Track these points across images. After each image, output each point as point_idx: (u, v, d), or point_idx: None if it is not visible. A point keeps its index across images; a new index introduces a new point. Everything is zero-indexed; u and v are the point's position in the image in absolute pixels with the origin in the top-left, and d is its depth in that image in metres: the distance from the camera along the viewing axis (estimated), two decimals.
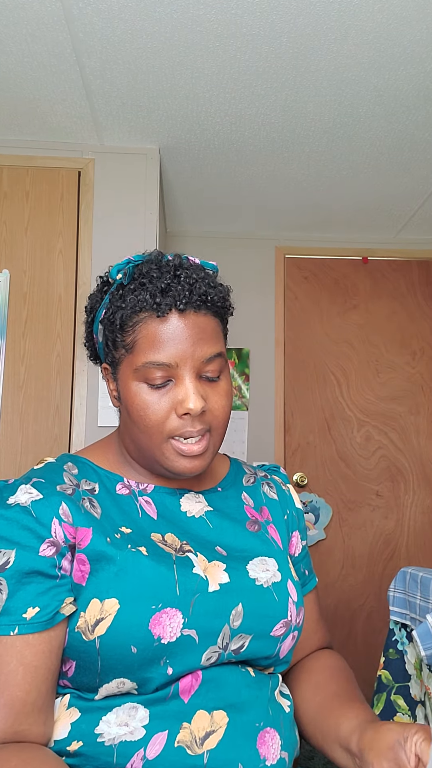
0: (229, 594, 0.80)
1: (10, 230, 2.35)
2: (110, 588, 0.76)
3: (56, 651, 0.76)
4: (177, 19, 1.76)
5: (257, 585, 0.83)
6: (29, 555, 0.76)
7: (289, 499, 1.01)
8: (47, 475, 0.85)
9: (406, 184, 2.70)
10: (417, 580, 1.78)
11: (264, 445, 3.09)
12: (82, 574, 0.77)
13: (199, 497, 0.91)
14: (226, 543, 0.87)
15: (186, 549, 0.82)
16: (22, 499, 0.80)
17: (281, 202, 2.90)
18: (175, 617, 0.75)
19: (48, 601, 0.75)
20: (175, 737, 0.73)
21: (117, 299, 0.85)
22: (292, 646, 0.86)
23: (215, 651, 0.77)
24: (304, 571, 0.98)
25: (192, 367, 0.81)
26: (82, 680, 0.76)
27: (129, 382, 0.83)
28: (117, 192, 2.41)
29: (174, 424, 0.82)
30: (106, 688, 0.75)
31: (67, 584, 0.77)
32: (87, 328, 0.94)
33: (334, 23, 1.76)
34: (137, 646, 0.73)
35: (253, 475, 1.01)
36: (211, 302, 0.84)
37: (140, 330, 0.82)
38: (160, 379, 0.81)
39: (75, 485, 0.85)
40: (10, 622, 0.73)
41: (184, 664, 0.75)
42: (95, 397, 2.28)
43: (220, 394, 0.85)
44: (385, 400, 3.19)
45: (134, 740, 0.73)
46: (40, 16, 1.76)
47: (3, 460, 2.22)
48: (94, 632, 0.74)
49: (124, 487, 0.88)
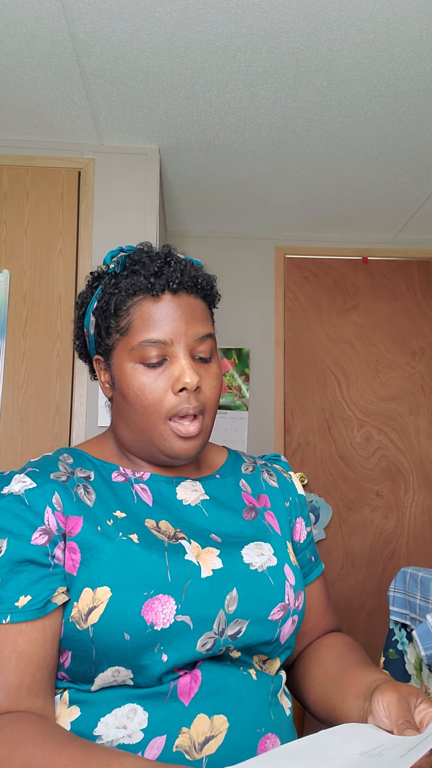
0: (222, 579, 0.80)
1: (10, 230, 2.35)
2: (102, 576, 0.76)
3: (51, 640, 0.76)
4: (177, 19, 1.76)
5: (252, 570, 0.83)
6: (21, 544, 0.77)
7: (291, 486, 1.01)
8: (42, 464, 0.86)
9: (406, 184, 2.70)
10: (417, 580, 1.78)
11: (264, 445, 3.09)
12: (73, 563, 0.78)
13: (196, 485, 0.91)
14: (221, 530, 0.87)
15: (179, 536, 0.83)
16: (16, 488, 0.81)
17: (281, 202, 2.90)
18: (167, 604, 0.76)
19: (40, 590, 0.76)
20: (174, 742, 0.72)
21: (110, 287, 0.88)
22: (293, 631, 0.85)
23: (210, 637, 0.77)
24: (310, 558, 0.98)
25: (186, 344, 0.85)
26: (78, 670, 0.77)
27: (124, 365, 0.86)
28: (117, 192, 2.41)
29: (171, 402, 0.84)
30: (101, 677, 0.75)
31: (60, 573, 0.78)
32: (77, 324, 0.96)
33: (334, 23, 1.76)
34: (130, 633, 0.74)
35: (252, 463, 1.02)
36: (201, 286, 0.89)
37: (135, 311, 0.85)
38: (155, 358, 0.84)
39: (70, 473, 0.86)
40: (3, 610, 0.74)
41: (179, 651, 0.75)
42: (95, 396, 2.28)
43: (211, 376, 0.88)
44: (385, 400, 3.20)
45: (132, 743, 0.72)
46: (40, 16, 1.76)
47: (3, 459, 2.22)
48: (87, 621, 0.75)
49: (119, 475, 0.89)
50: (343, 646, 0.92)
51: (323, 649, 0.93)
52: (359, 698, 0.76)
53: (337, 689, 0.82)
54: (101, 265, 0.94)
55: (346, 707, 0.78)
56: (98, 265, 0.95)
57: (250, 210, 2.99)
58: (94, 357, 0.93)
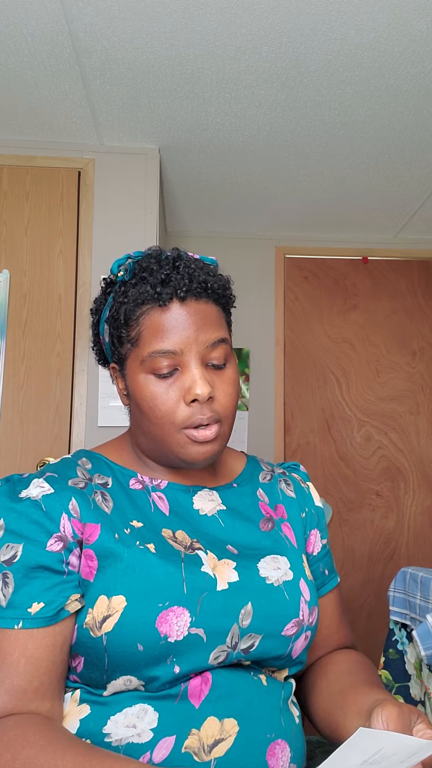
0: (238, 593, 0.79)
1: (10, 230, 2.35)
2: (117, 585, 0.76)
3: (61, 645, 0.76)
4: (177, 19, 1.76)
5: (267, 584, 0.82)
6: (36, 550, 0.77)
7: (308, 497, 0.99)
8: (61, 469, 0.86)
9: (406, 183, 2.70)
10: (417, 580, 1.78)
11: (264, 445, 3.09)
12: (89, 570, 0.78)
13: (213, 495, 0.90)
14: (237, 542, 0.86)
15: (196, 547, 0.82)
16: (34, 492, 0.81)
17: (281, 202, 2.90)
18: (182, 616, 0.75)
19: (53, 597, 0.75)
20: (183, 743, 0.72)
21: (120, 296, 0.86)
22: (305, 647, 0.85)
23: (223, 650, 0.77)
24: (323, 571, 0.96)
25: (197, 352, 0.82)
26: (90, 676, 0.77)
27: (136, 376, 0.84)
28: (117, 192, 2.41)
29: (184, 413, 0.82)
30: (113, 684, 0.75)
31: (74, 580, 0.77)
32: (93, 330, 0.95)
33: (334, 23, 1.76)
34: (143, 644, 0.73)
35: (270, 472, 1.00)
36: (212, 290, 0.85)
37: (144, 322, 0.83)
38: (166, 368, 0.82)
39: (88, 479, 0.85)
40: (15, 615, 0.74)
41: (192, 663, 0.75)
42: (95, 397, 2.28)
43: (226, 382, 0.85)
44: (385, 400, 3.19)
45: (141, 743, 0.72)
46: (40, 15, 1.76)
47: (3, 460, 2.22)
48: (102, 629, 0.74)
49: (137, 482, 0.88)
50: (352, 663, 0.90)
51: (332, 665, 0.91)
52: (361, 717, 0.75)
53: (341, 707, 0.80)
54: (111, 274, 0.92)
55: (347, 725, 0.77)
56: (109, 274, 0.93)
57: (250, 210, 2.99)
58: (110, 365, 0.92)
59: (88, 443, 2.24)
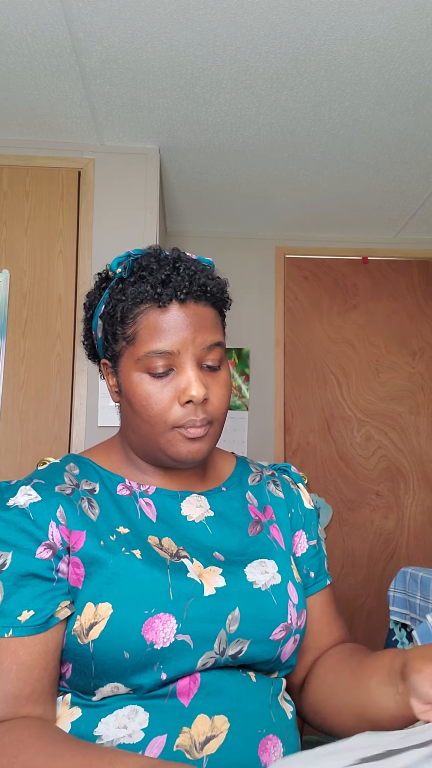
0: (225, 598, 0.79)
1: (10, 230, 2.35)
2: (104, 592, 0.76)
3: (53, 652, 0.76)
4: (177, 19, 1.76)
5: (255, 588, 0.82)
6: (25, 557, 0.77)
7: (297, 498, 0.98)
8: (48, 476, 0.85)
9: (406, 183, 2.70)
10: (417, 580, 1.78)
11: (264, 445, 3.09)
12: (77, 577, 0.78)
13: (201, 500, 0.90)
14: (224, 548, 0.86)
15: (182, 555, 0.82)
16: (21, 501, 0.81)
17: (281, 202, 2.90)
18: (168, 622, 0.75)
19: (43, 604, 0.75)
20: (174, 741, 0.72)
21: (117, 293, 0.86)
22: (294, 650, 0.84)
23: (211, 657, 0.76)
24: (308, 573, 0.95)
25: (193, 354, 0.83)
26: (79, 683, 0.76)
27: (131, 374, 0.84)
28: (117, 192, 2.41)
29: (177, 414, 0.82)
30: (101, 691, 0.75)
31: (64, 588, 0.77)
32: (85, 325, 0.95)
33: (334, 23, 1.76)
34: (130, 651, 0.73)
35: (259, 473, 0.99)
36: (211, 293, 0.85)
37: (141, 321, 0.83)
38: (162, 368, 0.82)
39: (75, 485, 0.85)
40: (5, 624, 0.74)
41: (178, 670, 0.75)
42: (95, 397, 2.28)
43: (220, 385, 0.86)
44: (385, 400, 3.19)
45: (132, 743, 0.72)
46: (40, 15, 1.76)
47: (3, 460, 2.22)
48: (89, 636, 0.74)
49: (125, 488, 0.88)
50: (351, 648, 0.88)
51: (332, 656, 0.89)
52: (387, 685, 0.71)
53: (357, 686, 0.77)
54: (108, 269, 0.91)
55: (376, 701, 0.72)
56: (106, 264, 0.93)
57: (250, 210, 2.99)
58: (101, 360, 0.92)
59: (88, 443, 2.24)
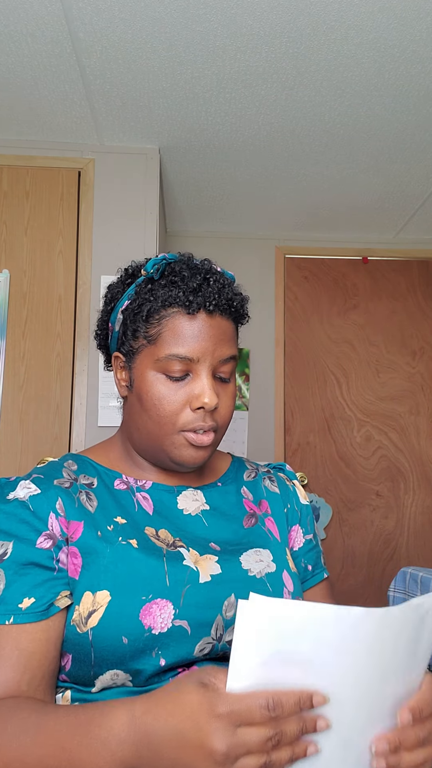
0: (220, 585, 0.81)
1: (10, 230, 2.35)
2: (101, 580, 0.77)
3: (54, 640, 0.77)
4: (177, 19, 1.76)
5: (250, 576, 0.84)
6: (26, 547, 0.78)
7: (292, 494, 1.01)
8: (47, 471, 0.88)
9: (406, 183, 2.70)
10: (417, 580, 1.78)
11: (264, 445, 3.09)
12: (75, 568, 0.79)
13: (197, 494, 0.92)
14: (220, 539, 0.88)
15: (178, 545, 0.84)
16: (21, 494, 0.83)
17: (281, 202, 2.90)
18: (165, 608, 0.76)
19: (43, 592, 0.77)
20: None
21: (145, 292, 0.88)
22: None
23: (208, 642, 0.78)
24: (306, 566, 0.98)
25: (210, 364, 0.86)
26: (79, 673, 0.77)
27: (146, 372, 0.86)
28: (117, 192, 2.41)
29: (187, 418, 0.85)
30: (101, 680, 0.76)
31: (64, 577, 0.79)
32: (103, 316, 0.96)
33: (334, 23, 1.76)
34: (128, 636, 0.74)
35: (255, 470, 1.02)
36: (235, 308, 0.89)
37: (167, 323, 0.85)
38: (179, 372, 0.85)
39: (73, 479, 0.88)
40: (6, 611, 0.75)
41: (177, 655, 0.76)
42: (95, 397, 2.28)
43: (228, 395, 0.90)
44: (385, 400, 3.19)
45: None
46: (40, 15, 1.76)
47: (3, 460, 2.22)
48: (87, 624, 0.76)
49: (122, 483, 0.90)
50: None
51: None
52: None
53: None
54: (135, 262, 0.93)
55: None
56: (132, 260, 0.95)
57: (250, 210, 2.99)
58: (113, 353, 0.93)
59: (88, 443, 2.24)
